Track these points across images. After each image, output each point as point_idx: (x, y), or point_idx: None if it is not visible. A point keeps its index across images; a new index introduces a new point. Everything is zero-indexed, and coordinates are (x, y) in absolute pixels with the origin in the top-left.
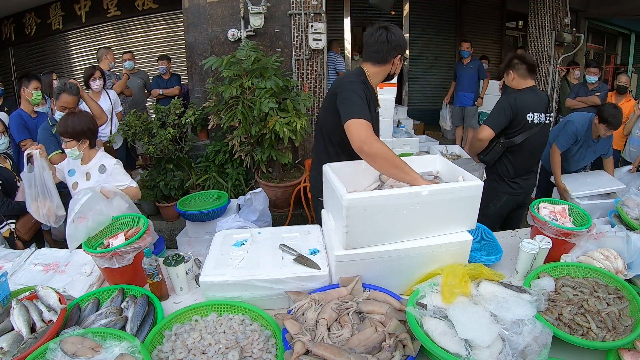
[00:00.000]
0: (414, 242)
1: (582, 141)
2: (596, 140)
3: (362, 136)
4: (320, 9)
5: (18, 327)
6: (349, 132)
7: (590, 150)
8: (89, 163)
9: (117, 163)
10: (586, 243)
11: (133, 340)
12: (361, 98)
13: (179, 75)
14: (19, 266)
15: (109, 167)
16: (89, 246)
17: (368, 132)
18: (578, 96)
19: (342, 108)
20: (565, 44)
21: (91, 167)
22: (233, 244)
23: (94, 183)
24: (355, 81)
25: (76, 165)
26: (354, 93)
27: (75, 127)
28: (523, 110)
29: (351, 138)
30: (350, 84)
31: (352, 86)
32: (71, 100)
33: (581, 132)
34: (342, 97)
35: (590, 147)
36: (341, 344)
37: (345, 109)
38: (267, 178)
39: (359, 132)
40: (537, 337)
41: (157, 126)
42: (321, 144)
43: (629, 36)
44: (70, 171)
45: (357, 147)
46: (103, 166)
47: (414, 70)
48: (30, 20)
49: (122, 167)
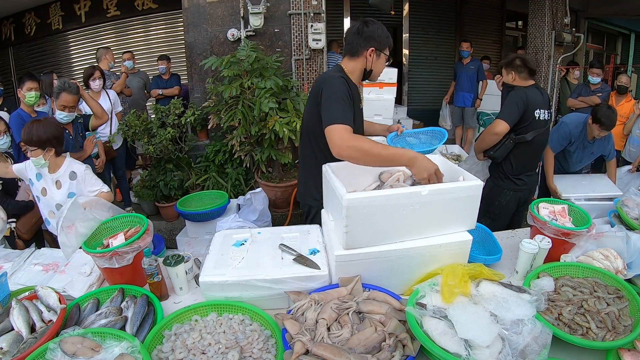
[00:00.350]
0: (413, 242)
1: (577, 142)
2: (592, 141)
3: (342, 144)
4: (320, 9)
5: (18, 327)
6: (329, 137)
7: (587, 151)
8: (58, 171)
9: (87, 168)
10: (586, 243)
11: (133, 340)
12: (344, 98)
13: (178, 75)
14: (18, 266)
15: (79, 173)
16: (89, 246)
17: (346, 140)
18: (580, 96)
19: (324, 112)
20: (565, 44)
21: (61, 175)
22: (233, 244)
23: (66, 190)
24: (335, 77)
25: (43, 172)
26: (335, 94)
27: (40, 136)
28: (532, 106)
29: (330, 145)
30: (331, 83)
31: (334, 86)
32: (71, 99)
33: (575, 133)
34: (324, 98)
35: (586, 148)
36: (341, 344)
37: (326, 113)
38: (267, 178)
39: (340, 138)
40: (537, 337)
41: (157, 126)
42: (309, 149)
43: (629, 36)
44: (37, 175)
45: (335, 154)
46: (73, 173)
47: (414, 70)
48: (30, 20)
49: (92, 171)
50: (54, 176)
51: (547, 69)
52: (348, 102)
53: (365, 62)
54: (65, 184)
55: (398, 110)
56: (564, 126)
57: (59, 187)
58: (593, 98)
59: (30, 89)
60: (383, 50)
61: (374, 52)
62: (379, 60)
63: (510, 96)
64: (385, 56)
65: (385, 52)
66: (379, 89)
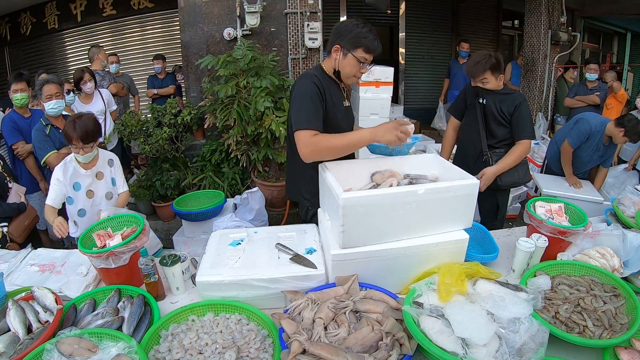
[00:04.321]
0: (410, 241)
1: (592, 142)
2: (606, 144)
3: (305, 151)
4: (316, 7)
5: (14, 328)
6: (297, 142)
7: (597, 154)
8: (97, 163)
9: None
10: (582, 241)
11: (130, 341)
12: (310, 98)
13: (174, 74)
14: (15, 267)
15: (115, 159)
16: (85, 246)
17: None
18: (577, 95)
19: (292, 115)
20: (561, 43)
21: (100, 165)
22: (229, 244)
23: (109, 178)
24: (306, 76)
25: (78, 176)
26: (301, 94)
27: (93, 129)
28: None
29: (299, 149)
30: (299, 84)
31: (300, 87)
32: (54, 87)
33: (595, 132)
34: (292, 99)
35: (598, 150)
36: (338, 343)
37: (293, 117)
38: (264, 177)
39: (304, 145)
40: (534, 336)
41: (153, 125)
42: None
43: (625, 35)
44: (75, 185)
45: (304, 158)
46: (111, 160)
47: (410, 69)
48: (25, 20)
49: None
50: (93, 170)
51: (543, 68)
52: (315, 102)
53: (333, 60)
54: (106, 172)
55: (394, 109)
56: (584, 123)
57: (100, 178)
58: (592, 97)
59: (17, 91)
60: (351, 51)
61: (340, 50)
62: (345, 60)
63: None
64: (353, 58)
65: (355, 53)
66: (375, 88)
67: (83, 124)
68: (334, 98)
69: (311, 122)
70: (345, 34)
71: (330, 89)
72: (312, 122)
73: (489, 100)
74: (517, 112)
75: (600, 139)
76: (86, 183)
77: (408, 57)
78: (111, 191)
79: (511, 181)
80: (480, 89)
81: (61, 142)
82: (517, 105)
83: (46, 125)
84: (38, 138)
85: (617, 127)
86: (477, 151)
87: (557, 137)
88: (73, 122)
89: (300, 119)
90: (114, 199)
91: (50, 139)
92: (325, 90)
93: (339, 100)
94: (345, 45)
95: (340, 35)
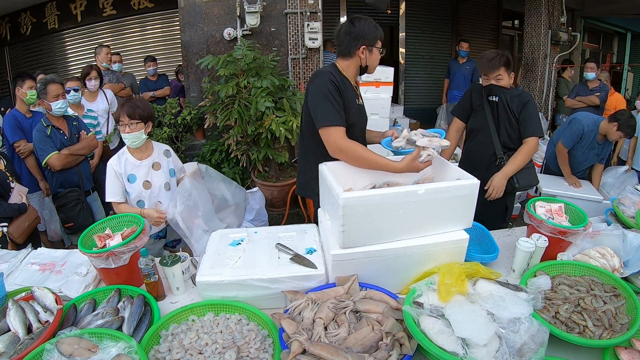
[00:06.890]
0: (410, 241)
1: (586, 141)
2: (600, 143)
3: (337, 143)
4: (316, 7)
5: (14, 328)
6: (324, 138)
7: (593, 152)
8: (152, 154)
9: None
10: (582, 241)
11: (130, 341)
12: (330, 99)
13: (165, 75)
14: (15, 267)
15: (171, 150)
16: (85, 246)
17: (339, 143)
18: (578, 96)
19: (315, 114)
20: (561, 43)
21: (155, 156)
22: (229, 244)
23: (166, 168)
24: (323, 73)
25: (133, 167)
26: (322, 95)
27: (143, 109)
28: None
29: (327, 145)
30: (316, 81)
31: (321, 88)
32: (58, 87)
33: (587, 131)
34: (310, 96)
35: (594, 149)
36: (338, 343)
37: (318, 115)
38: (264, 177)
39: (334, 139)
40: (534, 336)
41: (154, 125)
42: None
43: (625, 35)
44: (129, 177)
45: (332, 154)
46: (167, 151)
47: (410, 69)
48: (25, 20)
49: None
50: (149, 160)
51: (543, 67)
52: (334, 99)
53: (360, 60)
54: (164, 163)
55: (394, 109)
56: (576, 123)
57: (157, 168)
58: (592, 98)
59: (31, 87)
60: (374, 45)
61: (366, 49)
62: (372, 55)
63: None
64: (377, 49)
65: (377, 45)
66: (376, 88)
67: (133, 101)
68: (349, 95)
69: (338, 120)
70: (368, 35)
71: (346, 86)
72: (339, 120)
73: (501, 98)
74: (525, 110)
75: (595, 137)
76: (141, 173)
77: (408, 57)
78: (169, 182)
79: (528, 182)
80: (494, 86)
81: (62, 143)
82: (525, 102)
83: (47, 126)
84: (39, 138)
85: (610, 122)
86: (489, 154)
87: (554, 137)
88: (125, 100)
89: (327, 115)
90: (172, 190)
91: (51, 139)
92: (341, 87)
93: (353, 97)
94: (370, 44)
95: (363, 37)
